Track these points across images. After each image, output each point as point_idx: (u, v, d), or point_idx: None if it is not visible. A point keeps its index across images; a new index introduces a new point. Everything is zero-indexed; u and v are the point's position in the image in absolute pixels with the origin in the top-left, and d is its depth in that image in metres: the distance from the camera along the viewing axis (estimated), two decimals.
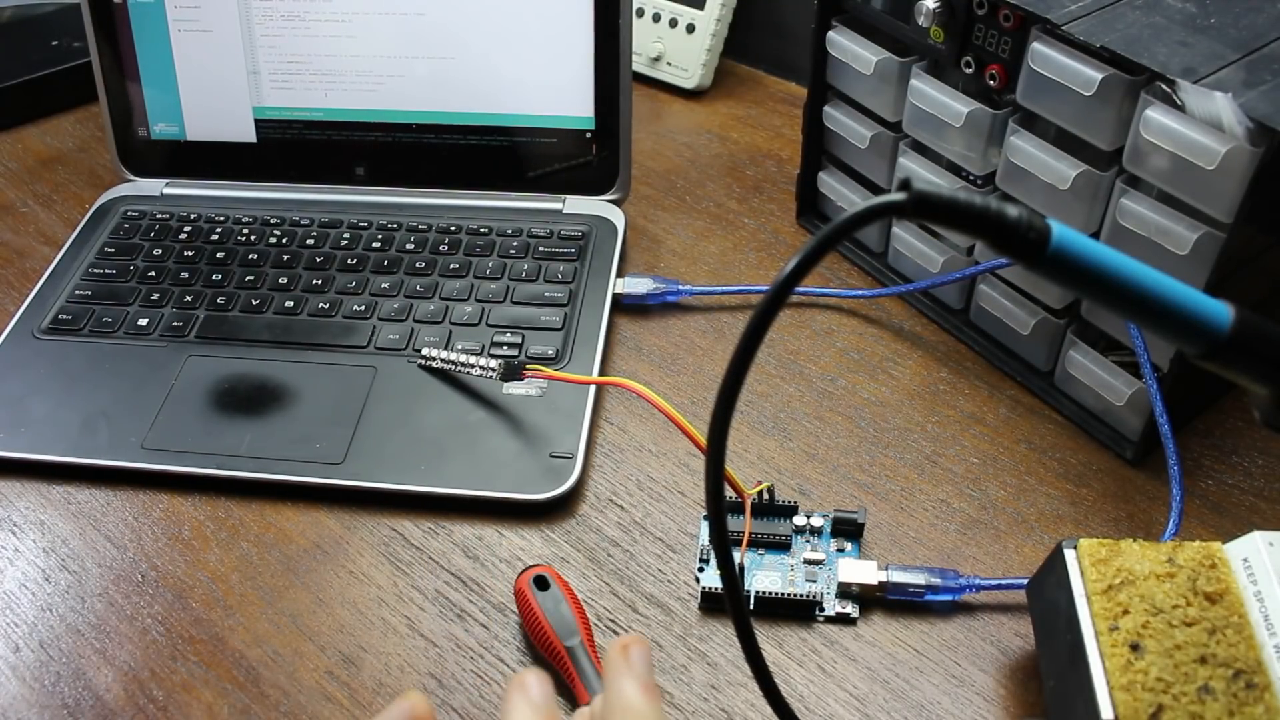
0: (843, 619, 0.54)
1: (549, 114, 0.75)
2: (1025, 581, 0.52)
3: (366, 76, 0.76)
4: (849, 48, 0.68)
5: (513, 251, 0.73)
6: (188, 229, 0.76)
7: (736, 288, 0.73)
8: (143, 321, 0.69)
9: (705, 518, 0.59)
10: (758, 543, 0.57)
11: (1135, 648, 0.43)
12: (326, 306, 0.70)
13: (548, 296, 0.70)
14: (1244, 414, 0.64)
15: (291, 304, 0.70)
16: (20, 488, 0.61)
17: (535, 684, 0.39)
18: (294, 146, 0.78)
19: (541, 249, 0.73)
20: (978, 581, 0.54)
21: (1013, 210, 0.32)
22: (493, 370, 0.63)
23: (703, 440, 0.54)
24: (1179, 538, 0.55)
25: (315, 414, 0.63)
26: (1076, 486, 0.61)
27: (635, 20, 0.79)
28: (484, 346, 0.67)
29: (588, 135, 0.76)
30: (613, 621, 0.55)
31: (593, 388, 0.64)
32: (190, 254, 0.74)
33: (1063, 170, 0.58)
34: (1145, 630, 0.43)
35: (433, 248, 0.74)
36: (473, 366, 0.63)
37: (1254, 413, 0.38)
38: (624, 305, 0.72)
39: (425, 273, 0.72)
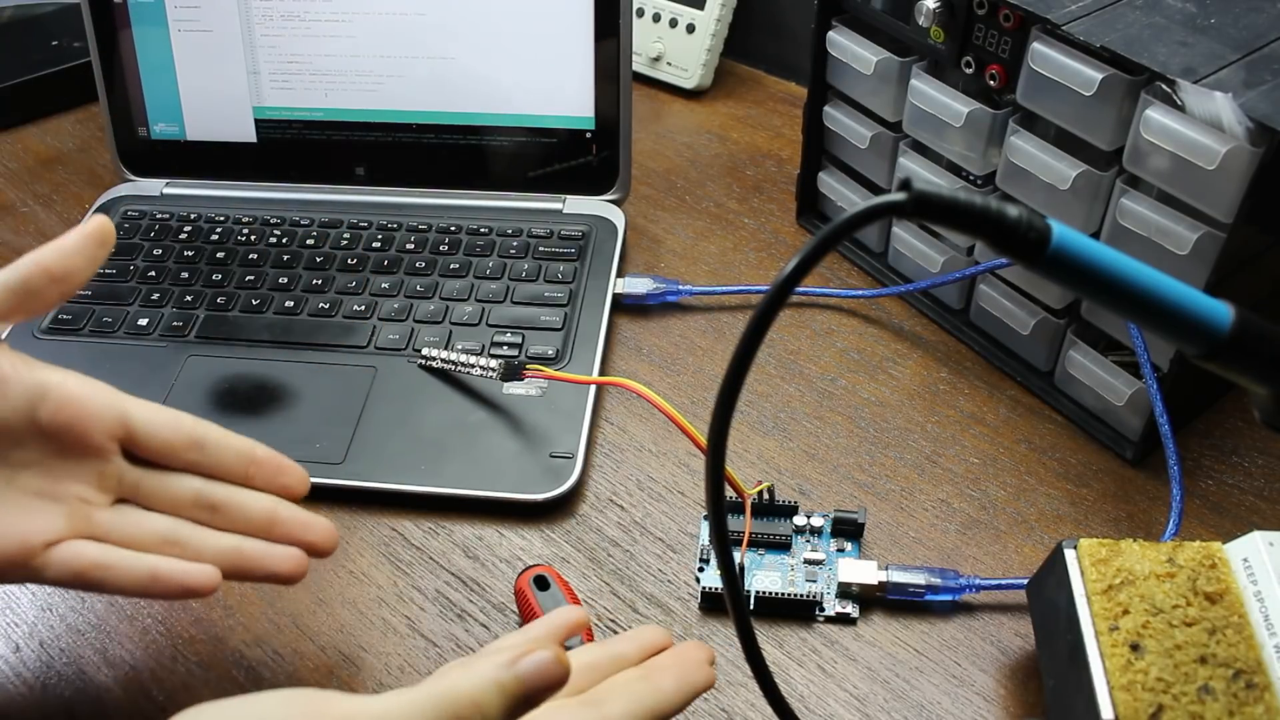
0: (843, 619, 0.54)
1: (549, 114, 0.75)
2: (1025, 581, 0.52)
3: (366, 76, 0.76)
4: (849, 48, 0.68)
5: (513, 251, 0.73)
6: (188, 229, 0.76)
7: (736, 288, 0.73)
8: (143, 321, 0.69)
9: (705, 518, 0.59)
10: (758, 543, 0.57)
11: (1135, 648, 0.43)
12: (326, 306, 0.70)
13: (548, 296, 0.70)
14: (1244, 414, 0.64)
15: (292, 304, 0.70)
16: None
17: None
18: (294, 146, 0.78)
19: (541, 249, 0.73)
20: (978, 581, 0.54)
21: (1013, 210, 0.32)
22: (493, 370, 0.63)
23: (703, 440, 0.54)
24: (1179, 538, 0.55)
25: (315, 414, 0.63)
26: (1076, 486, 0.60)
27: (635, 20, 0.79)
28: (484, 346, 0.67)
29: (588, 135, 0.76)
30: (613, 621, 0.55)
31: (593, 388, 0.64)
32: (190, 254, 0.74)
33: (1063, 170, 0.58)
34: (1145, 630, 0.43)
35: (433, 248, 0.74)
36: (473, 366, 0.63)
37: (1254, 413, 0.38)
38: (624, 305, 0.72)
39: (425, 273, 0.72)
